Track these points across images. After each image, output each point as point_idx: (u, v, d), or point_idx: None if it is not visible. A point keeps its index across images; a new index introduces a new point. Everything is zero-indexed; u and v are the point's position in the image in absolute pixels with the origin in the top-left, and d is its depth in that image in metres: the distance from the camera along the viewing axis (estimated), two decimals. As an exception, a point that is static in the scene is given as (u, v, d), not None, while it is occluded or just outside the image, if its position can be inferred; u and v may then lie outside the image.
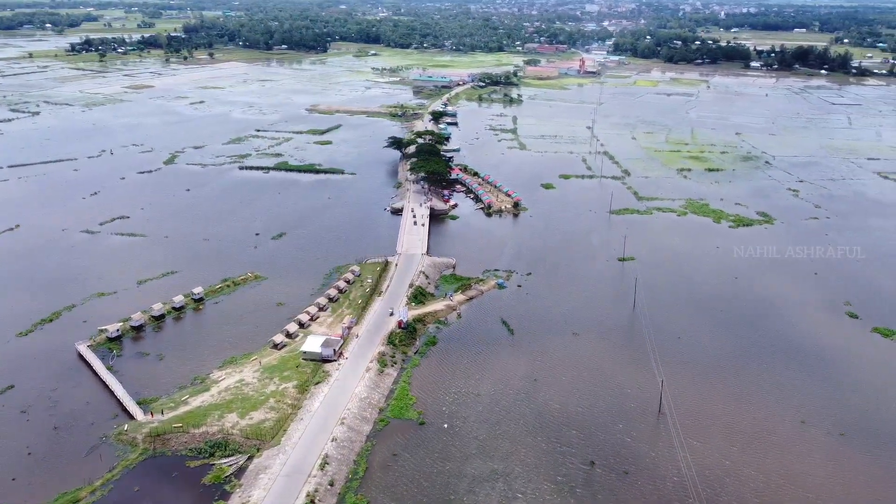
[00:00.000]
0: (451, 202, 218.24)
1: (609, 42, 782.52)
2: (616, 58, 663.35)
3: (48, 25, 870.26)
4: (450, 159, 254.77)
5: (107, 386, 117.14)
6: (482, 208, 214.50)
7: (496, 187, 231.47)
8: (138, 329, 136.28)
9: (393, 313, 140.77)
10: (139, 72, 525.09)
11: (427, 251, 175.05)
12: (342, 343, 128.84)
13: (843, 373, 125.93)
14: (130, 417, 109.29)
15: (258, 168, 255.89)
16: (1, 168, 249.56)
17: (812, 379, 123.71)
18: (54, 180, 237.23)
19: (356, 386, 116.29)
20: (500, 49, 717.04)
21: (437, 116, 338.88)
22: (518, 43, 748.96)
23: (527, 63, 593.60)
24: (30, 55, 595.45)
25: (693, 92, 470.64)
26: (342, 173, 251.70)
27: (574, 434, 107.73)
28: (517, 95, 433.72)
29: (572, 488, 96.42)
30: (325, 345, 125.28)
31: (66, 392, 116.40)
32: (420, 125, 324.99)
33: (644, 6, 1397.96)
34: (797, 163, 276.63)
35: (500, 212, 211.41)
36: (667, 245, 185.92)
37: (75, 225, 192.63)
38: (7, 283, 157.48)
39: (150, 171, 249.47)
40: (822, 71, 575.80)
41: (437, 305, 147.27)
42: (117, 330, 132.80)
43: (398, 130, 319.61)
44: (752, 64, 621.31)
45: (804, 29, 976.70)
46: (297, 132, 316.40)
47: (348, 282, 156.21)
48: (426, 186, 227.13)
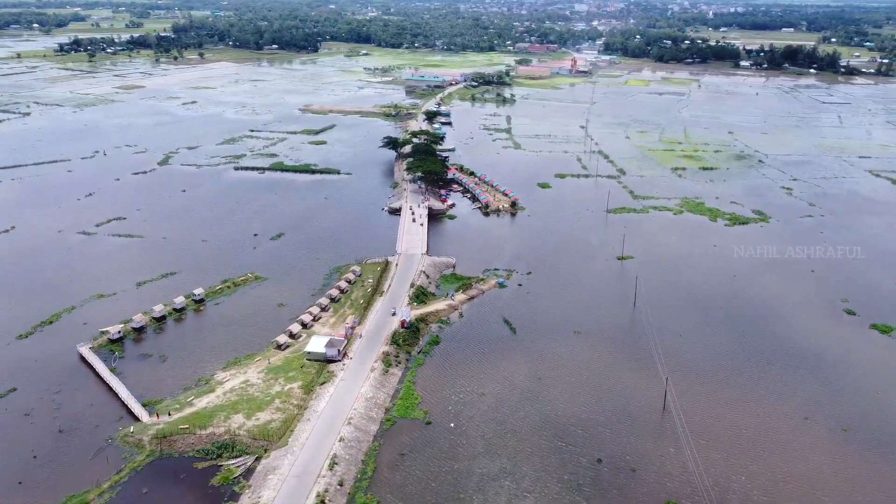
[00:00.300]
0: (449, 202, 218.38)
1: (599, 42, 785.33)
2: (607, 57, 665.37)
3: (35, 25, 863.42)
4: (445, 159, 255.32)
5: (110, 388, 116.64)
6: (480, 208, 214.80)
7: (493, 187, 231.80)
8: (139, 330, 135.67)
9: (395, 313, 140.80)
10: (129, 72, 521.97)
11: (427, 251, 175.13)
12: (346, 343, 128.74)
13: (844, 370, 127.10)
14: (135, 419, 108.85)
15: (254, 168, 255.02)
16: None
17: (813, 376, 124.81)
18: (48, 181, 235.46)
19: (361, 386, 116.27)
20: (492, 49, 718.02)
21: (431, 116, 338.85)
22: (509, 42, 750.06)
23: (518, 63, 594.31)
24: (18, 55, 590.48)
25: (684, 91, 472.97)
26: (338, 173, 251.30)
27: (580, 432, 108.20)
28: (510, 95, 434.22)
29: (580, 486, 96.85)
30: (329, 345, 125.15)
31: (70, 394, 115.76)
32: (414, 125, 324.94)
33: (633, 6, 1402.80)
34: (790, 161, 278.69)
35: (498, 211, 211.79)
36: (664, 244, 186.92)
37: (71, 226, 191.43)
38: (5, 286, 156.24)
39: (145, 172, 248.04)
40: (811, 70, 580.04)
41: (439, 305, 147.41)
42: (119, 332, 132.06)
43: (392, 130, 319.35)
44: (742, 63, 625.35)
45: (792, 28, 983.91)
46: (291, 132, 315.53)
47: (349, 282, 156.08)
48: (423, 186, 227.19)
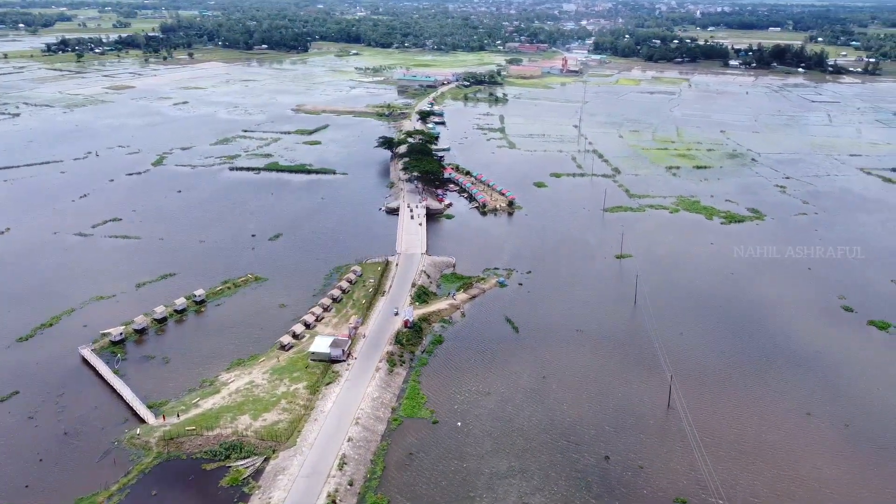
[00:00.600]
0: (446, 201, 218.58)
1: (589, 41, 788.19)
2: (597, 57, 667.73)
3: (21, 25, 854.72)
4: (441, 159, 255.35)
5: (114, 390, 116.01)
6: (477, 207, 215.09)
7: (489, 186, 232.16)
8: (141, 332, 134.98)
9: (398, 313, 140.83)
10: (118, 72, 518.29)
11: (426, 250, 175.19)
12: (350, 343, 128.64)
13: (844, 366, 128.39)
14: (141, 421, 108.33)
15: (249, 169, 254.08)
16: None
17: (814, 372, 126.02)
18: (41, 183, 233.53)
19: (367, 386, 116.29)
20: (482, 48, 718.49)
21: (425, 116, 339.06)
22: (499, 42, 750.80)
23: (509, 62, 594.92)
24: (5, 56, 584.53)
25: (675, 90, 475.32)
26: (334, 173, 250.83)
27: (586, 430, 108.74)
28: (502, 95, 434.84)
29: (589, 484, 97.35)
30: (334, 345, 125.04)
31: (73, 397, 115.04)
32: (408, 125, 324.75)
33: (620, 5, 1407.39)
34: (782, 160, 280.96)
35: (495, 211, 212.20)
36: (662, 242, 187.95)
37: (67, 228, 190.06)
38: (3, 288, 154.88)
39: (139, 173, 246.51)
40: (800, 69, 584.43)
41: (441, 304, 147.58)
42: (120, 333, 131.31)
43: (386, 130, 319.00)
44: (731, 62, 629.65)
45: (779, 28, 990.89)
46: (285, 132, 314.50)
47: (350, 282, 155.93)
48: (420, 186, 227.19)
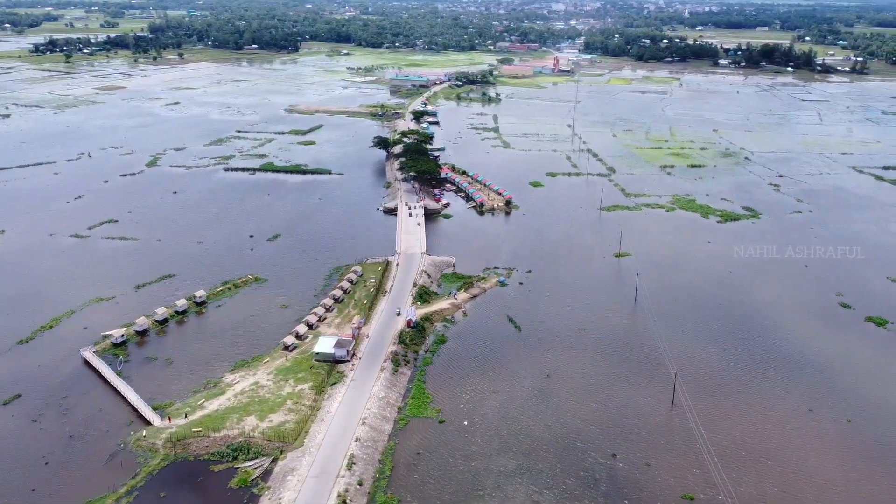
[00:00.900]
0: (443, 201, 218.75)
1: (579, 41, 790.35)
2: (588, 56, 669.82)
3: (7, 25, 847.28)
4: (436, 158, 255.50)
5: (118, 392, 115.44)
6: (474, 207, 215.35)
7: (486, 186, 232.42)
8: (143, 334, 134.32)
9: (400, 313, 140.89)
10: (108, 73, 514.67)
11: (426, 250, 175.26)
12: (354, 343, 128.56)
13: (844, 362, 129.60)
14: (146, 423, 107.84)
15: (244, 169, 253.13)
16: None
17: (814, 368, 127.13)
18: (35, 184, 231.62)
19: (373, 386, 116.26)
20: (473, 48, 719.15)
21: (419, 116, 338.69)
22: (489, 42, 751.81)
23: (500, 62, 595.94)
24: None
25: (666, 90, 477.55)
26: (329, 174, 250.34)
27: (592, 428, 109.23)
28: (495, 94, 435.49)
29: (597, 482, 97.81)
30: (338, 345, 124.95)
31: (77, 399, 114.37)
32: (402, 125, 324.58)
33: (609, 5, 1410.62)
34: (775, 158, 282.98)
35: (493, 210, 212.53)
36: (660, 241, 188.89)
37: (63, 229, 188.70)
38: (1, 290, 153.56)
39: (134, 174, 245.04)
40: (789, 68, 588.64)
41: (443, 304, 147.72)
42: (122, 335, 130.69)
43: (379, 130, 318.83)
44: (721, 62, 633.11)
45: (766, 27, 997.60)
46: (279, 133, 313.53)
47: (352, 282, 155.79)
48: (417, 186, 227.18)
